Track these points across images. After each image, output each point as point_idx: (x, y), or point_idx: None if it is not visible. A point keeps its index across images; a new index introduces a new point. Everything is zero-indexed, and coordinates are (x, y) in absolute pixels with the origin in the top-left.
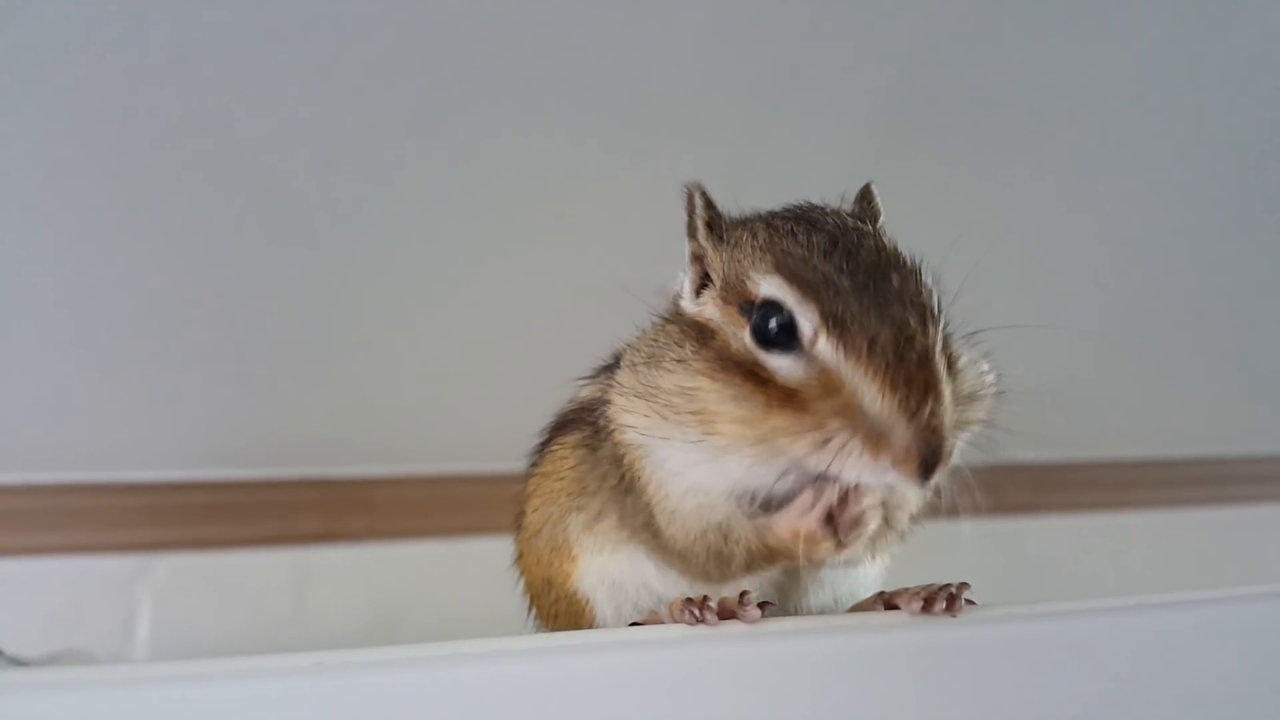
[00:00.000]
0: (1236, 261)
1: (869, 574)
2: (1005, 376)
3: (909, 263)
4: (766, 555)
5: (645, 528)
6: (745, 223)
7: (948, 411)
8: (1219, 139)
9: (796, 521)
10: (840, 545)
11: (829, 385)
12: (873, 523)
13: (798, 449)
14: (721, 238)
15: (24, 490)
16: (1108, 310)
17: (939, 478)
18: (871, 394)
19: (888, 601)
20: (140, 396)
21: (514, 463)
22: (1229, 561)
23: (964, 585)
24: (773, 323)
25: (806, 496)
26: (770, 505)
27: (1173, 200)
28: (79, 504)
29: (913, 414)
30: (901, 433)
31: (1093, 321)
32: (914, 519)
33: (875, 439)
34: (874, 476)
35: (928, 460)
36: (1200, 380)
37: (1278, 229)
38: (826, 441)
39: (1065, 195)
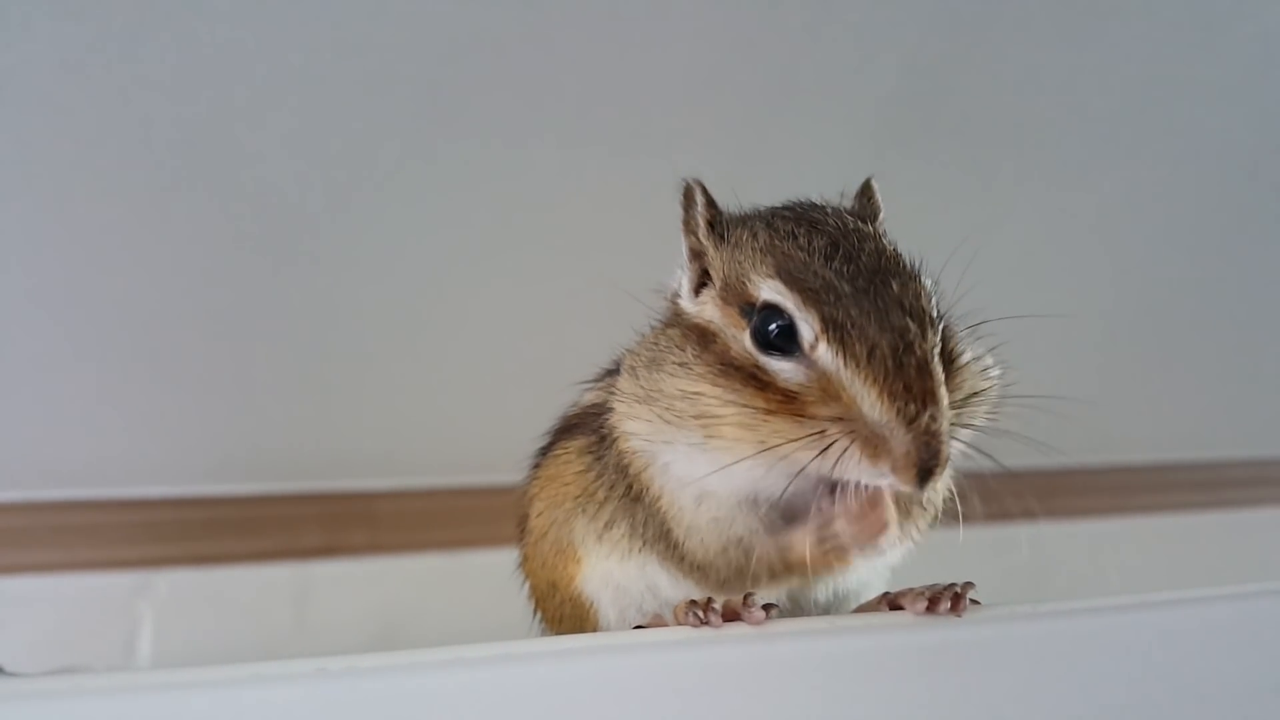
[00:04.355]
0: (1233, 266)
1: (876, 575)
2: (1009, 370)
3: (909, 266)
4: (788, 571)
5: (659, 538)
6: (745, 221)
7: (945, 416)
8: (1215, 143)
9: (803, 541)
10: (852, 556)
11: (829, 390)
12: (890, 532)
13: (798, 452)
14: (723, 237)
15: (24, 507)
16: (1105, 315)
17: (936, 481)
18: (870, 401)
19: (892, 602)
20: (140, 412)
21: (515, 474)
22: (1231, 564)
23: (968, 585)
24: (773, 327)
25: (814, 517)
26: (791, 515)
27: (1169, 204)
28: (79, 521)
29: (911, 420)
30: (900, 439)
31: (1091, 327)
32: (947, 500)
33: (874, 444)
34: (873, 479)
35: (926, 465)
36: (1199, 384)
37: (1273, 233)
38: (826, 445)
39: (1061, 200)
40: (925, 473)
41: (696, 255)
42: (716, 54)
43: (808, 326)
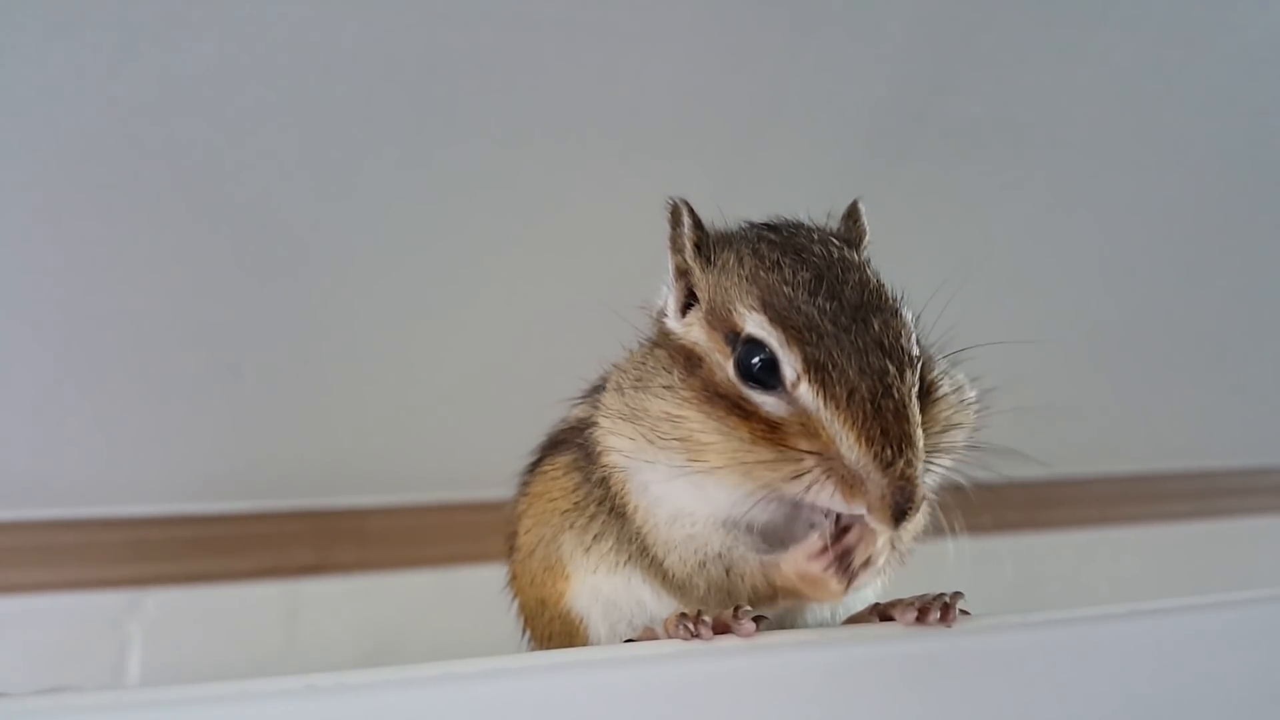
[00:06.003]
0: (1219, 275)
1: (869, 588)
2: (991, 394)
3: (890, 300)
4: (773, 594)
5: (642, 553)
6: (731, 242)
7: (920, 460)
8: (1200, 155)
9: (804, 564)
10: (849, 585)
11: (809, 427)
12: (882, 561)
13: (779, 481)
14: (709, 259)
15: (11, 527)
16: (1093, 327)
17: (909, 523)
18: (849, 444)
19: (882, 613)
20: (128, 430)
21: (505, 490)
22: (1220, 573)
23: (958, 595)
24: (756, 361)
25: (814, 541)
26: (771, 537)
27: (1155, 215)
28: (67, 540)
29: (887, 465)
30: (876, 482)
31: (1078, 338)
32: (915, 539)
33: (851, 484)
34: (850, 511)
35: (899, 508)
36: (1187, 394)
37: (1259, 243)
38: (805, 478)
39: (1048, 213)
40: (899, 515)
41: (682, 274)
42: (706, 67)
43: (790, 366)
